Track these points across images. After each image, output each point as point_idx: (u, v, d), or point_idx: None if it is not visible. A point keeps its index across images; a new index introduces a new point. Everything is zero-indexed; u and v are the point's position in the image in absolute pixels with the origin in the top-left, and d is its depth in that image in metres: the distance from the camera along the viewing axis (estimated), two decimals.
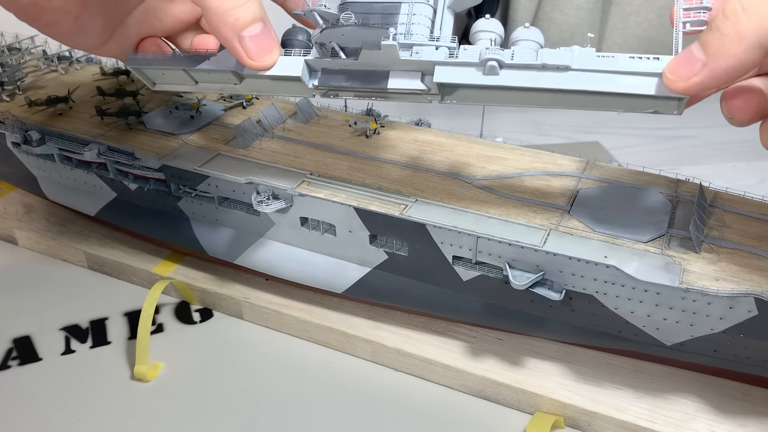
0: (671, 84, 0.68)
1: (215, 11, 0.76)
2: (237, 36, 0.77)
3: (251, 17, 0.76)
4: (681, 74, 0.67)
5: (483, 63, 0.74)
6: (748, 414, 0.87)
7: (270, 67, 0.80)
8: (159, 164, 1.07)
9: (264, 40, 0.78)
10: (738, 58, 0.63)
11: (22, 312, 1.13)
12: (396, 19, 0.79)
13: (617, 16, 2.21)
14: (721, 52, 0.63)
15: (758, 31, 0.60)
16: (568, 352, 0.97)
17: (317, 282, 1.04)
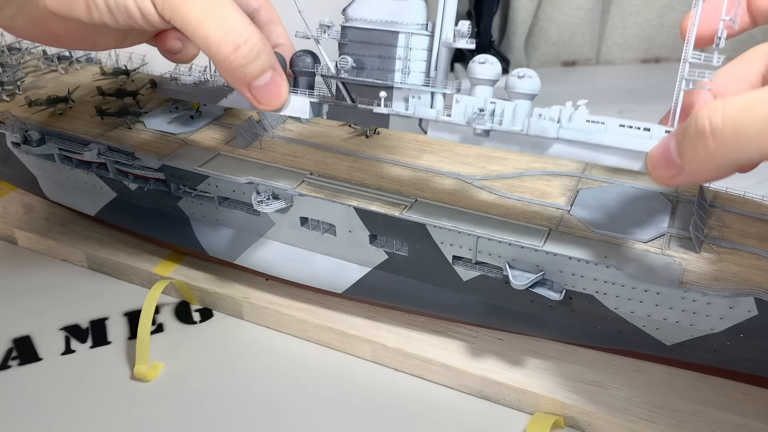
0: (654, 176, 0.69)
1: (225, 67, 0.78)
2: (246, 86, 0.80)
3: (260, 71, 0.79)
4: (660, 173, 0.67)
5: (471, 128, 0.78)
6: (748, 414, 0.87)
7: (279, 108, 0.84)
8: (159, 164, 1.07)
9: (273, 88, 0.81)
10: (711, 173, 0.63)
11: (22, 312, 1.13)
12: (393, 52, 0.81)
13: (617, 16, 2.21)
14: (694, 164, 0.63)
15: (726, 156, 0.59)
16: (568, 352, 0.97)
17: (317, 282, 1.04)
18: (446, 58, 0.80)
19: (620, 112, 1.84)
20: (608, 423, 0.87)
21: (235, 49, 0.76)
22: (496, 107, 0.78)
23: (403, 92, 0.83)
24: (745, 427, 0.85)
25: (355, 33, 0.83)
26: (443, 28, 0.78)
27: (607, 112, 0.75)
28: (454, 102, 0.80)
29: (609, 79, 2.14)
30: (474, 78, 0.79)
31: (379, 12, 0.81)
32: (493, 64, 0.78)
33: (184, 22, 0.75)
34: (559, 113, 0.74)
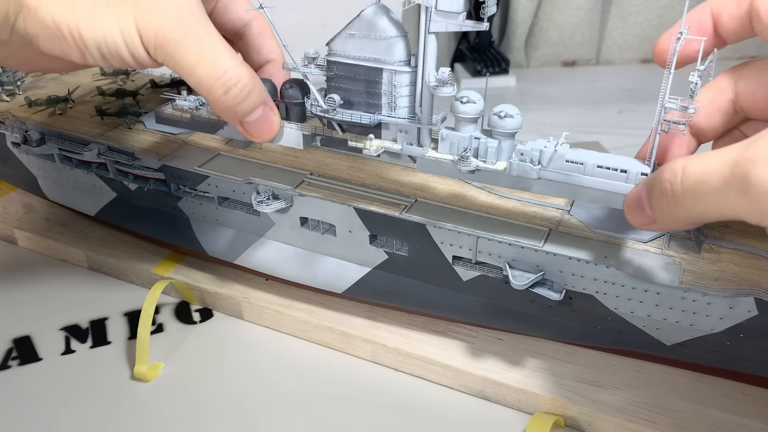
0: (630, 221, 0.72)
1: (217, 106, 0.81)
2: (238, 122, 0.83)
3: (250, 108, 0.82)
4: (636, 220, 0.71)
5: (457, 167, 0.82)
6: (748, 414, 0.87)
7: (271, 139, 0.88)
8: (159, 164, 1.07)
9: (263, 123, 0.84)
10: (679, 226, 0.67)
11: (22, 312, 1.13)
12: (379, 87, 0.83)
13: (617, 16, 2.21)
14: (663, 218, 0.67)
15: (689, 216, 0.63)
16: (568, 352, 0.97)
17: (317, 282, 1.04)
18: (430, 97, 0.82)
19: (620, 112, 1.84)
20: (608, 423, 0.87)
21: (226, 91, 0.79)
22: (480, 145, 0.82)
23: (391, 128, 0.86)
24: (745, 427, 0.85)
25: (340, 67, 0.85)
26: (425, 72, 0.80)
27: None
28: (440, 139, 0.84)
29: (609, 79, 2.14)
30: (458, 116, 0.82)
31: (362, 48, 0.83)
32: (475, 102, 0.81)
33: (177, 67, 0.78)
34: (540, 154, 0.78)
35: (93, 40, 0.75)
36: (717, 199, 0.58)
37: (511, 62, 2.15)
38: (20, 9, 0.74)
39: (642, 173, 0.75)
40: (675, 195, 0.62)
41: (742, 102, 0.75)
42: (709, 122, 0.78)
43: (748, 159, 0.55)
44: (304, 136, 0.91)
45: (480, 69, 2.05)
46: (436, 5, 0.75)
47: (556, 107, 1.92)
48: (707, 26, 0.74)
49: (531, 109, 1.93)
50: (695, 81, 0.70)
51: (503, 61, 2.09)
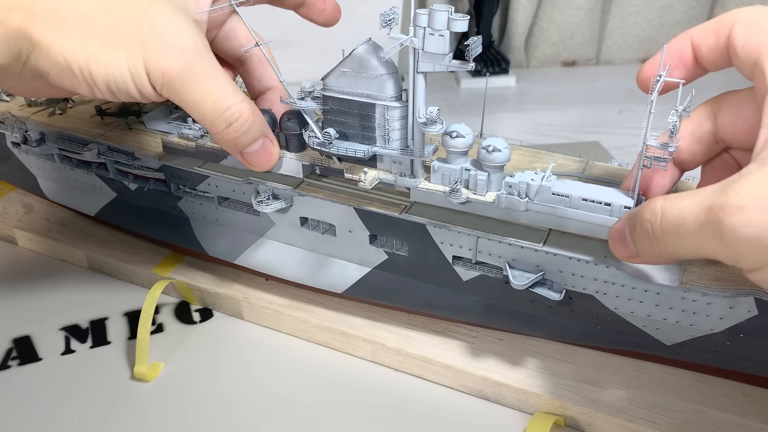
0: (615, 254, 0.76)
1: (219, 139, 0.86)
2: (239, 153, 0.89)
3: (250, 141, 0.88)
4: (620, 253, 0.74)
5: (449, 198, 0.87)
6: (748, 414, 0.87)
7: (270, 168, 0.93)
8: (159, 164, 1.07)
9: (263, 154, 0.90)
10: (661, 262, 0.72)
11: (22, 312, 1.13)
12: (373, 120, 0.88)
13: (617, 16, 2.21)
14: (645, 254, 0.70)
15: (669, 255, 0.67)
16: (568, 352, 0.97)
17: (317, 282, 1.04)
18: (421, 133, 0.86)
19: (620, 112, 1.84)
20: (608, 423, 0.87)
21: (228, 125, 0.84)
22: (470, 177, 0.87)
23: (385, 158, 0.91)
24: (745, 427, 0.85)
25: (336, 102, 0.89)
26: (415, 109, 0.85)
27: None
28: (432, 170, 0.89)
29: (609, 79, 2.14)
30: (448, 149, 0.87)
31: (355, 84, 0.87)
32: (465, 136, 0.86)
33: (183, 103, 0.82)
34: (527, 187, 0.82)
35: (102, 78, 0.79)
36: (694, 241, 0.62)
37: (511, 62, 2.15)
38: (33, 48, 0.77)
39: (625, 206, 0.78)
40: (655, 235, 0.66)
41: (722, 134, 0.77)
42: (691, 152, 0.80)
43: (720, 207, 0.58)
44: (304, 167, 0.97)
45: (480, 69, 2.05)
46: (422, 48, 0.80)
47: (556, 107, 1.92)
48: (688, 57, 0.76)
49: (531, 109, 1.93)
50: (674, 121, 0.72)
51: (503, 61, 2.08)
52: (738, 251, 0.58)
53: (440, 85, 2.04)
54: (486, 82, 2.05)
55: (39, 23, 0.76)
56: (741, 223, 0.56)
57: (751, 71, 0.69)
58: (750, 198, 0.57)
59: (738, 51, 0.70)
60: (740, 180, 0.58)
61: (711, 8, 2.19)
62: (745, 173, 0.59)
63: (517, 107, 1.96)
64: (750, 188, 0.57)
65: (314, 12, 1.03)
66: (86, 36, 0.77)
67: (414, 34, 0.80)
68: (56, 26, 0.77)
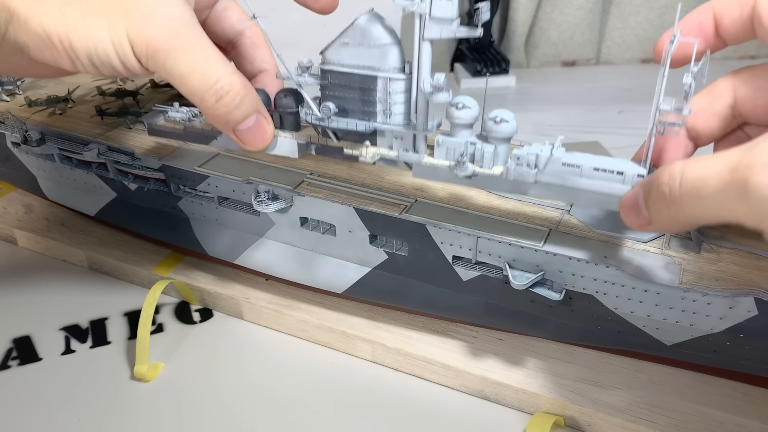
0: (626, 223, 0.73)
1: (209, 115, 0.81)
2: (231, 130, 0.83)
3: (242, 116, 0.82)
4: (632, 222, 0.71)
5: (454, 172, 0.82)
6: (748, 414, 0.87)
7: (264, 148, 0.87)
8: (159, 164, 1.07)
9: (257, 131, 0.84)
10: (676, 229, 0.69)
11: (22, 312, 1.13)
12: (374, 95, 0.83)
13: (617, 16, 2.21)
14: (660, 221, 0.67)
15: (687, 220, 0.64)
16: (568, 352, 0.97)
17: (317, 282, 1.04)
18: (425, 104, 0.82)
19: (620, 112, 1.84)
20: (608, 423, 0.87)
21: (218, 99, 0.78)
22: (476, 150, 0.81)
23: (386, 135, 0.86)
24: (745, 427, 0.85)
25: (335, 76, 0.85)
26: (420, 78, 0.80)
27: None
28: (436, 145, 0.84)
29: (609, 79, 2.14)
30: (453, 121, 0.82)
31: (356, 56, 0.83)
32: (471, 107, 0.81)
33: (169, 76, 0.77)
34: (536, 158, 0.78)
35: (84, 50, 0.75)
36: (715, 203, 0.59)
37: (511, 62, 2.15)
38: (11, 19, 0.74)
39: (638, 175, 0.75)
40: (673, 198, 0.63)
41: (740, 107, 0.75)
42: (707, 126, 0.78)
43: (746, 165, 0.56)
44: (299, 145, 0.92)
45: (480, 69, 2.05)
46: (429, 12, 0.76)
47: (556, 107, 1.92)
48: (708, 28, 0.75)
49: (531, 109, 1.93)
50: (689, 82, 0.70)
51: (503, 61, 2.09)
52: (764, 211, 0.56)
53: None
54: (486, 82, 2.05)
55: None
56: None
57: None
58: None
59: (764, 21, 0.68)
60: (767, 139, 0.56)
61: None
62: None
63: (517, 107, 1.96)
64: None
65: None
66: (65, 4, 0.73)
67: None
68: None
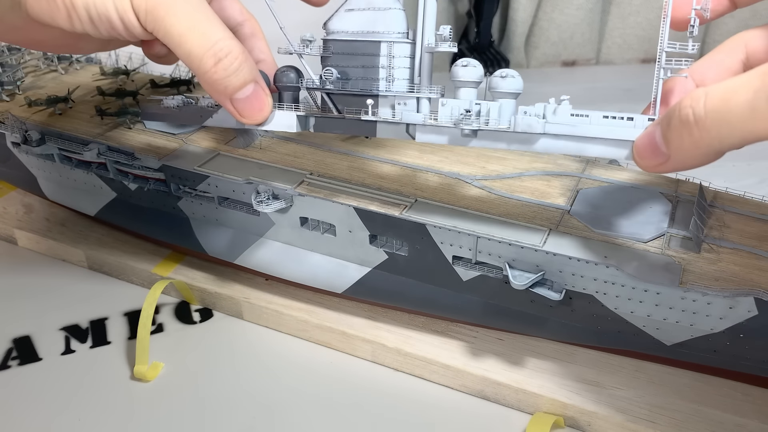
0: (641, 165, 0.70)
1: (206, 80, 0.79)
2: (228, 99, 0.81)
3: (241, 83, 0.80)
4: (648, 162, 0.69)
5: (459, 129, 0.79)
6: (748, 414, 0.87)
7: (263, 121, 0.85)
8: (159, 164, 1.07)
9: (255, 101, 0.82)
10: (698, 159, 0.64)
11: (22, 312, 1.13)
12: (377, 61, 0.82)
13: (617, 16, 2.21)
14: (680, 152, 0.64)
15: (712, 143, 0.60)
16: (568, 352, 0.97)
17: (317, 282, 1.04)
18: (429, 63, 0.81)
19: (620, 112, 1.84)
20: (608, 423, 0.87)
21: (216, 62, 0.77)
22: (481, 108, 0.79)
23: (389, 100, 0.84)
24: (745, 427, 0.85)
25: (338, 45, 0.84)
26: (424, 34, 0.80)
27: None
28: (439, 105, 0.81)
29: (609, 79, 2.13)
30: (457, 81, 0.81)
31: (360, 23, 0.83)
32: (476, 66, 0.80)
33: (167, 36, 0.76)
34: (544, 109, 0.77)
35: (82, 2, 0.73)
36: (745, 114, 0.56)
37: (511, 62, 2.15)
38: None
39: (649, 119, 0.73)
40: (698, 119, 0.60)
41: (753, 62, 0.73)
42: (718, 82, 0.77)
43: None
44: (298, 117, 0.88)
45: None
46: None
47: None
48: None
49: None
50: (692, 18, 0.69)
51: (503, 61, 2.08)
52: None
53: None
54: (486, 82, 2.04)
55: None
56: None
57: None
58: None
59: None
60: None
61: None
62: None
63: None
64: None
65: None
66: None
67: None
68: None
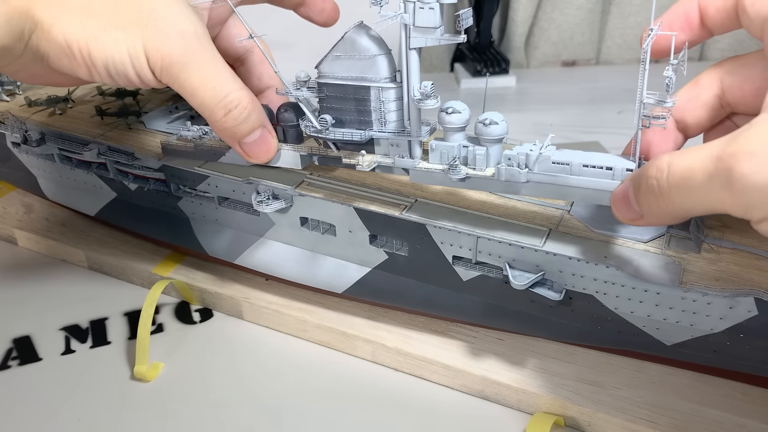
0: (618, 218, 0.73)
1: (217, 127, 0.86)
2: (238, 143, 0.89)
3: (249, 130, 0.87)
4: (624, 216, 0.72)
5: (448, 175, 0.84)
6: (748, 414, 0.87)
7: (269, 160, 0.94)
8: (159, 164, 1.07)
9: (262, 144, 0.90)
10: (669, 221, 0.69)
11: (22, 312, 1.13)
12: (368, 104, 0.87)
13: (617, 16, 2.21)
14: (651, 214, 0.68)
15: (677, 212, 0.64)
16: (568, 352, 0.97)
17: (317, 282, 1.04)
18: (417, 109, 0.85)
19: (620, 112, 1.84)
20: (608, 423, 0.87)
21: (226, 113, 0.83)
22: (468, 153, 0.84)
23: (382, 142, 0.89)
24: (745, 427, 0.85)
25: (331, 88, 0.88)
26: (410, 86, 0.83)
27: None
28: (430, 150, 0.87)
29: (609, 79, 2.14)
30: (445, 126, 0.85)
31: (348, 69, 0.86)
32: (461, 112, 0.84)
33: (181, 89, 0.81)
34: (526, 158, 0.80)
35: (101, 60, 0.79)
36: (702, 193, 0.60)
37: (511, 62, 2.15)
38: (35, 28, 0.77)
39: (627, 169, 0.76)
40: (662, 191, 0.64)
41: (728, 97, 0.76)
42: (695, 117, 0.79)
43: (730, 154, 0.56)
44: (302, 157, 0.95)
45: (480, 69, 2.05)
46: (414, 22, 0.78)
47: (556, 107, 1.92)
48: (694, 18, 0.75)
49: (531, 109, 1.93)
50: (670, 75, 0.71)
51: (503, 61, 2.09)
52: (748, 200, 0.56)
53: (440, 86, 2.03)
54: (486, 82, 2.05)
55: (41, 2, 0.76)
56: (752, 170, 0.55)
57: (761, 29, 0.68)
58: (761, 145, 0.55)
59: (747, 9, 0.69)
60: (751, 128, 0.57)
61: None
62: (755, 123, 0.58)
63: (517, 107, 1.96)
64: (761, 135, 0.56)
65: (314, 11, 1.03)
66: (87, 16, 0.77)
67: (404, 9, 0.78)
68: (57, 5, 0.77)
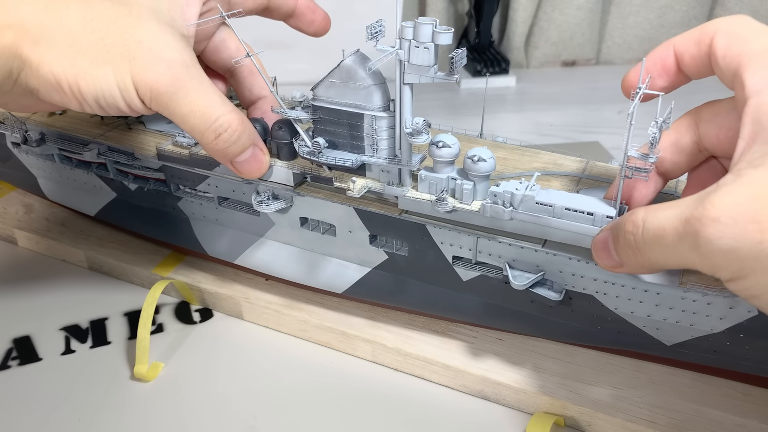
0: (599, 264, 0.76)
1: (209, 150, 0.88)
2: (229, 162, 0.90)
3: (240, 150, 0.89)
4: (604, 264, 0.75)
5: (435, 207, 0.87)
6: (748, 414, 0.87)
7: (261, 176, 0.95)
8: (159, 164, 1.07)
9: (253, 162, 0.92)
10: (647, 271, 0.73)
11: (22, 312, 1.13)
12: (361, 130, 0.88)
13: (617, 16, 2.21)
14: (630, 265, 0.71)
15: (653, 265, 0.67)
16: (568, 352, 0.97)
17: (317, 282, 1.04)
18: (408, 141, 0.86)
19: (620, 112, 1.84)
20: (608, 423, 0.87)
21: (217, 136, 0.85)
22: (456, 186, 0.86)
23: (374, 167, 0.91)
24: (745, 427, 0.85)
25: (325, 111, 0.89)
26: (402, 119, 0.85)
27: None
28: (419, 179, 0.88)
29: (609, 79, 2.13)
30: (434, 159, 0.86)
31: (344, 94, 0.87)
32: (450, 146, 0.85)
33: (172, 116, 0.83)
34: (511, 197, 0.82)
35: (91, 94, 0.80)
36: (674, 252, 0.63)
37: (511, 62, 2.15)
38: (23, 66, 0.78)
39: (607, 216, 0.78)
40: (638, 246, 0.66)
41: (705, 143, 0.78)
42: (674, 162, 0.80)
43: (696, 218, 0.59)
44: (294, 175, 0.97)
45: (480, 69, 2.05)
46: (408, 60, 0.80)
47: (556, 107, 1.92)
48: (671, 65, 0.77)
49: (531, 109, 1.93)
50: (654, 132, 0.73)
51: (503, 61, 2.09)
52: (714, 262, 0.59)
53: (440, 86, 2.03)
54: (486, 82, 2.05)
55: (29, 41, 0.77)
56: (716, 235, 0.57)
57: (732, 81, 0.69)
58: (725, 210, 0.57)
59: (719, 60, 0.70)
60: (716, 191, 0.59)
61: (711, 8, 2.19)
62: (721, 184, 0.60)
63: (517, 107, 1.96)
64: (725, 200, 0.58)
65: (304, 23, 1.05)
66: (75, 53, 0.78)
67: (400, 46, 0.80)
68: (45, 44, 0.78)
